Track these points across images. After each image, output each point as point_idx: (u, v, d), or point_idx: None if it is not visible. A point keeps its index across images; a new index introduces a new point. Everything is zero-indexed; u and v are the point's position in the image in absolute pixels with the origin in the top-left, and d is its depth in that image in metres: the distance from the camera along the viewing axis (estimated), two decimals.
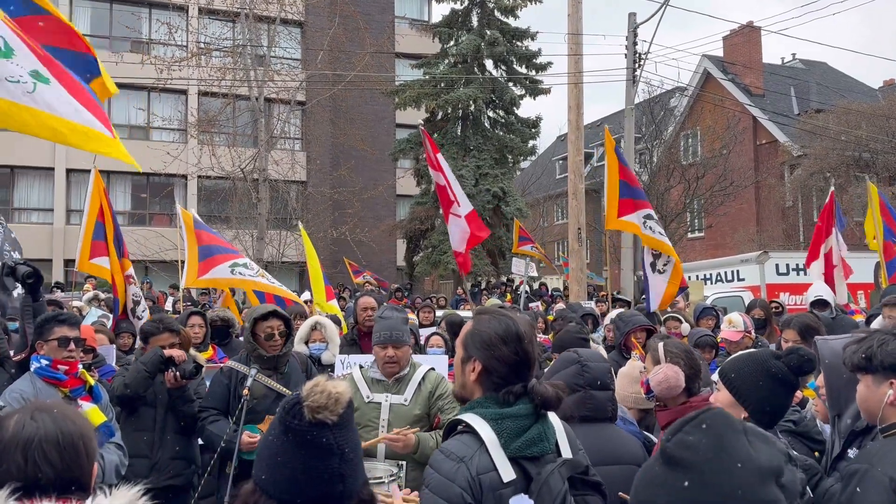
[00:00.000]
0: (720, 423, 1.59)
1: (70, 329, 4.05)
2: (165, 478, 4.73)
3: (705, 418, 1.61)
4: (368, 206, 25.99)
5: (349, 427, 1.82)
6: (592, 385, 3.20)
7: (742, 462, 1.54)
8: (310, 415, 1.73)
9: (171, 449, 4.80)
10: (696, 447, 1.57)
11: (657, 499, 1.58)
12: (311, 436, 1.74)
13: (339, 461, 1.76)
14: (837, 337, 3.02)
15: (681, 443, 1.60)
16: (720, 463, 1.53)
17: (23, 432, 1.79)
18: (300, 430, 1.74)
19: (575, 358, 3.28)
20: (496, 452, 2.24)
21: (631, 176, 8.84)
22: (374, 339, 4.07)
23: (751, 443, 1.58)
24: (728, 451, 1.55)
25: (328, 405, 1.74)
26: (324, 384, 1.78)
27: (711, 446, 1.56)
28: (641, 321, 6.04)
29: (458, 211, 9.82)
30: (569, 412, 3.05)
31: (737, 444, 1.56)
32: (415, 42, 28.93)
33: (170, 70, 19.58)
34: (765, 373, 2.67)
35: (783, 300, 12.29)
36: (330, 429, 1.75)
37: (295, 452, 1.75)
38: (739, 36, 30.58)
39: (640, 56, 18.31)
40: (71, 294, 14.38)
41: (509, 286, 21.68)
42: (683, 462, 1.56)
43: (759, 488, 1.53)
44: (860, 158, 25.06)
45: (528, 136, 26.40)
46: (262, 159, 20.26)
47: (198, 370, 4.91)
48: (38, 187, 27.65)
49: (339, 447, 1.76)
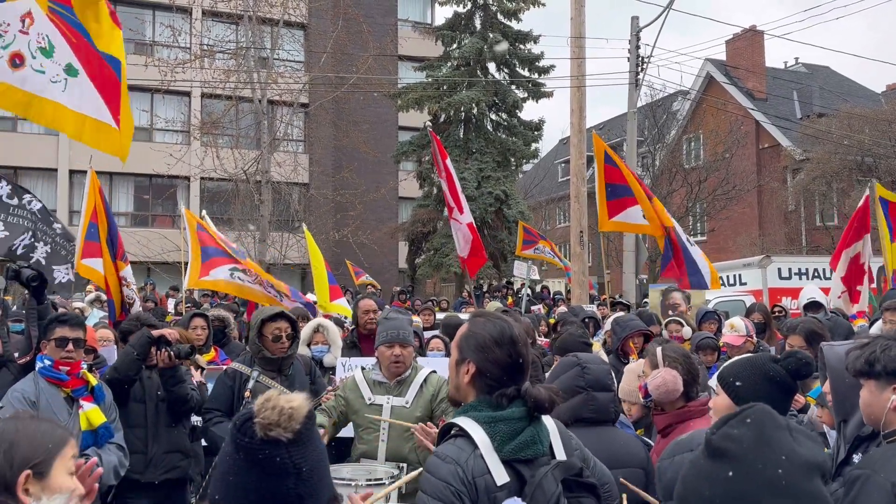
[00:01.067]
0: (764, 418, 1.61)
1: (71, 330, 4.06)
2: (162, 472, 4.72)
3: (749, 413, 1.63)
4: (370, 209, 26.01)
5: (308, 444, 1.68)
6: (594, 386, 3.21)
7: (786, 455, 1.55)
8: (261, 432, 1.62)
9: (164, 443, 4.79)
10: (739, 439, 1.58)
11: (702, 490, 1.59)
12: (262, 454, 1.63)
13: (296, 481, 1.64)
14: (843, 343, 3.03)
15: (725, 435, 1.61)
16: (764, 455, 1.55)
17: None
18: (251, 448, 1.63)
19: (574, 361, 3.30)
20: (489, 456, 2.24)
21: (617, 174, 8.99)
22: (380, 339, 4.08)
23: (794, 438, 1.59)
24: (771, 444, 1.56)
25: (280, 422, 1.63)
26: (276, 399, 1.66)
27: (755, 439, 1.57)
28: (638, 326, 6.03)
29: (459, 218, 9.86)
30: (571, 415, 3.06)
31: (780, 438, 1.58)
32: (417, 45, 28.98)
33: (174, 72, 19.61)
34: (763, 377, 2.68)
35: (785, 304, 12.27)
36: (284, 447, 1.63)
37: (247, 472, 1.64)
38: (742, 40, 30.56)
39: (643, 60, 18.32)
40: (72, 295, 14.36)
41: (510, 289, 21.69)
42: (728, 453, 1.58)
43: (803, 480, 1.54)
44: (863, 163, 25.03)
45: (530, 139, 26.42)
46: (264, 161, 20.28)
47: (192, 350, 4.89)
48: (41, 188, 27.65)
49: (294, 466, 1.64)
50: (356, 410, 4.11)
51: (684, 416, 3.33)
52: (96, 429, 3.99)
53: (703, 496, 1.59)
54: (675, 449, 2.76)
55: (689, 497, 1.63)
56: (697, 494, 1.60)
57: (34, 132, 26.86)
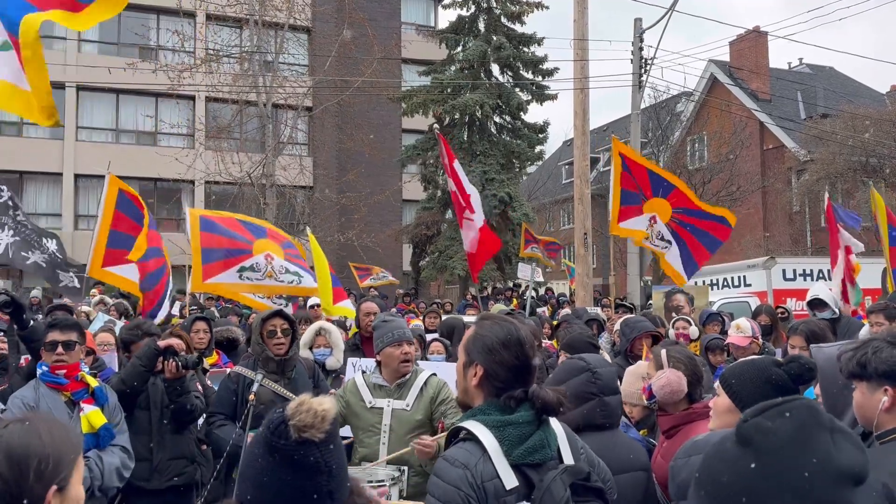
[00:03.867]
0: (805, 414, 1.49)
1: (61, 333, 4.05)
2: (167, 479, 4.74)
3: (791, 406, 1.52)
4: (375, 211, 26.04)
5: (335, 443, 1.80)
6: (605, 391, 3.19)
7: (819, 458, 1.43)
8: (296, 434, 1.72)
9: (170, 449, 4.81)
10: (773, 433, 1.48)
11: (720, 475, 1.50)
12: (298, 455, 1.72)
13: (328, 478, 1.75)
14: (832, 344, 3.04)
15: (758, 426, 1.50)
16: (795, 454, 1.44)
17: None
18: (287, 449, 1.72)
19: (584, 365, 3.24)
20: (498, 460, 2.25)
21: (630, 182, 9.12)
22: (385, 340, 4.08)
23: (835, 441, 1.47)
24: (806, 444, 1.45)
25: (315, 423, 1.72)
26: (309, 402, 1.75)
27: (790, 435, 1.46)
28: (647, 327, 6.02)
29: (470, 217, 9.93)
30: (583, 421, 3.05)
31: (818, 439, 1.46)
32: (421, 48, 29.01)
33: (180, 77, 19.67)
34: (765, 380, 2.67)
35: (790, 306, 12.24)
36: (317, 447, 1.73)
37: (282, 472, 1.73)
38: (746, 41, 30.54)
39: (647, 61, 18.30)
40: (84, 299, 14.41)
41: (515, 291, 21.68)
42: (756, 445, 1.48)
43: (831, 490, 1.43)
44: (867, 163, 24.98)
45: (534, 141, 26.41)
46: (269, 165, 20.33)
47: (199, 360, 4.92)
48: (46, 193, 27.80)
49: (326, 465, 1.74)
50: (356, 414, 4.13)
51: (689, 417, 3.33)
52: (97, 431, 3.99)
53: (719, 482, 1.51)
54: (690, 449, 2.74)
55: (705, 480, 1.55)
56: (714, 479, 1.53)
57: (39, 136, 26.98)
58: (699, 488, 1.55)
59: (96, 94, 27.28)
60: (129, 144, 28.42)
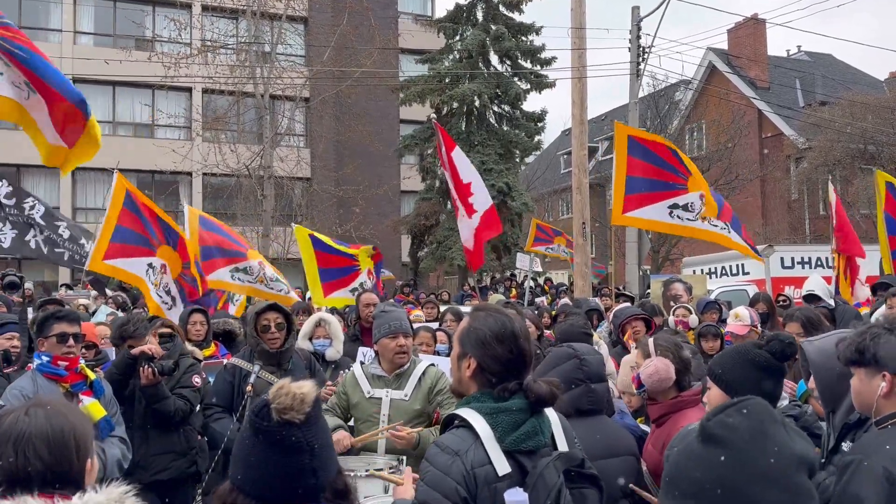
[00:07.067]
0: (761, 410, 1.65)
1: (69, 325, 4.07)
2: (150, 474, 4.71)
3: (747, 405, 1.66)
4: (373, 202, 26.01)
5: (317, 424, 1.92)
6: (592, 378, 3.25)
7: (779, 447, 1.58)
8: (277, 416, 1.84)
9: (155, 444, 4.79)
10: (735, 427, 1.61)
11: (692, 472, 1.62)
12: (280, 435, 1.84)
13: (310, 457, 1.87)
14: (820, 336, 3.09)
15: (721, 422, 1.64)
16: (758, 444, 1.58)
17: (15, 427, 1.86)
18: (269, 430, 1.85)
19: (571, 353, 3.31)
20: (491, 446, 2.26)
21: (648, 168, 8.55)
22: (382, 331, 4.10)
23: (788, 433, 1.63)
24: (767, 435, 1.60)
25: (294, 405, 1.84)
26: (288, 386, 1.87)
27: (751, 429, 1.60)
28: (634, 311, 6.08)
29: (467, 211, 9.83)
30: (571, 406, 3.08)
31: (776, 431, 1.62)
32: (419, 37, 28.90)
33: (177, 67, 19.59)
34: (750, 363, 2.73)
35: (788, 293, 12.25)
36: (298, 427, 1.85)
37: (267, 452, 1.86)
38: (744, 29, 30.44)
39: (644, 50, 18.26)
40: (77, 293, 14.45)
41: (514, 281, 21.69)
42: (722, 440, 1.61)
43: (793, 474, 1.57)
44: (865, 151, 24.96)
45: (533, 131, 26.36)
46: (267, 156, 20.30)
47: (175, 367, 4.90)
48: (43, 186, 27.72)
49: (308, 444, 1.87)
50: (355, 404, 4.16)
51: (678, 405, 3.36)
52: (97, 422, 4.00)
53: (693, 478, 1.61)
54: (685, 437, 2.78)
55: (679, 479, 1.65)
56: (687, 476, 1.63)
57: None
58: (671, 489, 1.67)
59: (92, 86, 27.19)
60: (126, 136, 28.35)
